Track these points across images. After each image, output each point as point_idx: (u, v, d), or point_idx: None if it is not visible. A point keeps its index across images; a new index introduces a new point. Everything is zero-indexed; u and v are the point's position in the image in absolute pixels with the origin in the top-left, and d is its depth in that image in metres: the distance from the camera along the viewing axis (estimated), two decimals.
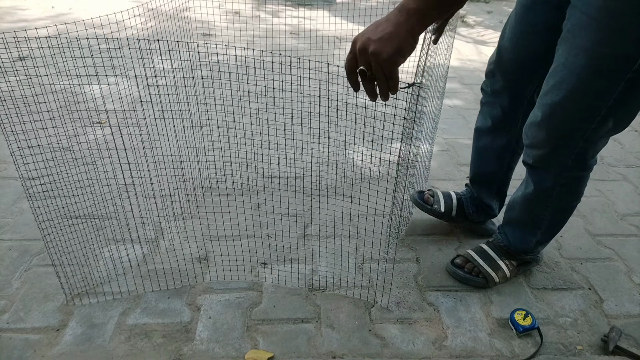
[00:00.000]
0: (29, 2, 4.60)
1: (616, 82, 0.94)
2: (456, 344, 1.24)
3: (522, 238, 1.37)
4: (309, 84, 1.08)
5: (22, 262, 1.41)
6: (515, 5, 1.22)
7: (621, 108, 1.00)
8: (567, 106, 1.01)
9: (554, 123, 1.06)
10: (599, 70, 0.94)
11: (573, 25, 0.96)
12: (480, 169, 1.52)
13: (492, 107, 1.38)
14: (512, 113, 1.35)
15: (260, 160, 1.94)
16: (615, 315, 1.35)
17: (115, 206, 1.37)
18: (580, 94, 0.99)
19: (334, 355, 1.19)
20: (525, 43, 1.20)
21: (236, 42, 3.15)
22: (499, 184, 1.51)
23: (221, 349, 1.20)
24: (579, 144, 1.08)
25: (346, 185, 1.89)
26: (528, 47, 1.20)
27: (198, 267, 1.46)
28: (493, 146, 1.44)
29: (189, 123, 1.42)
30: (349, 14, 4.13)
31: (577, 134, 1.06)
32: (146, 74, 1.22)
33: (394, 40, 0.81)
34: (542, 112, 1.06)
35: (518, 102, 1.32)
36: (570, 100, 1.00)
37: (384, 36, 0.80)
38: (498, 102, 1.35)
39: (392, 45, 0.81)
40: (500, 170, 1.47)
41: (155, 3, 1.14)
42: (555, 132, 1.07)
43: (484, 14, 4.94)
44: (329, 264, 1.49)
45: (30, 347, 1.18)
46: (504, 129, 1.39)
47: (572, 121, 1.04)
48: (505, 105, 1.34)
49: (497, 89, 1.33)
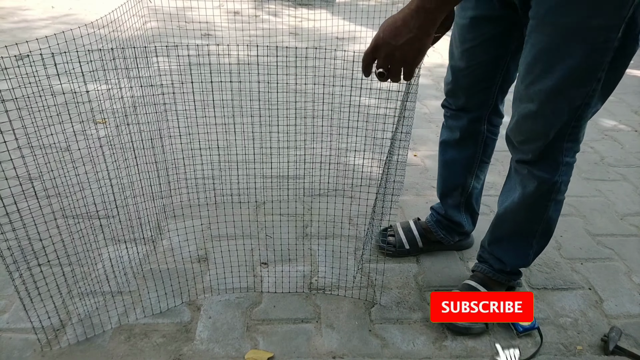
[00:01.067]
0: (29, 2, 4.61)
1: (607, 54, 0.95)
2: (456, 344, 1.24)
3: (518, 253, 1.31)
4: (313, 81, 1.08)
5: (22, 262, 1.41)
6: (453, 27, 1.23)
7: (610, 77, 1.00)
8: (563, 88, 1.01)
9: (551, 108, 1.04)
10: (591, 45, 0.95)
11: (549, 8, 0.95)
12: (448, 182, 1.48)
13: (458, 119, 1.38)
14: (477, 123, 1.36)
15: (260, 160, 1.94)
16: (615, 315, 1.35)
17: (117, 208, 1.37)
18: (576, 72, 0.98)
19: (334, 355, 1.19)
20: (477, 56, 1.22)
21: (236, 42, 3.15)
22: (468, 197, 1.47)
23: (221, 349, 1.20)
24: (573, 123, 1.08)
25: (346, 186, 1.89)
26: (481, 59, 1.23)
27: (198, 267, 1.46)
28: (460, 158, 1.43)
29: (189, 123, 1.42)
30: (350, 15, 4.13)
31: (574, 113, 1.05)
32: (149, 75, 1.22)
33: (416, 44, 0.87)
34: (536, 101, 1.05)
35: (483, 110, 1.34)
36: (568, 80, 1.00)
37: (407, 41, 0.86)
38: (464, 114, 1.36)
39: (415, 49, 0.88)
40: (467, 181, 1.44)
41: (156, 3, 1.14)
42: (554, 117, 1.06)
43: None
44: (328, 264, 1.49)
45: (30, 347, 1.18)
46: (470, 138, 1.38)
47: (570, 102, 1.03)
48: (470, 117, 1.35)
49: (461, 104, 1.35)
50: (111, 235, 1.53)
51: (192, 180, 1.76)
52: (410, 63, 0.91)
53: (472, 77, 1.27)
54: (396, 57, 0.90)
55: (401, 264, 1.51)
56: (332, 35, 3.62)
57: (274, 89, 1.14)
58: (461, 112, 1.36)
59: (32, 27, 3.83)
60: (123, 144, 1.23)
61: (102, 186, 1.22)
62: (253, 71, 1.09)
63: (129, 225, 1.55)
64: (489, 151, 1.42)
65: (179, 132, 1.54)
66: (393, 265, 1.50)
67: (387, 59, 0.91)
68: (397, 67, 0.92)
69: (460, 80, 1.30)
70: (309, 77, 1.12)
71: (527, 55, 1.03)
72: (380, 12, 2.10)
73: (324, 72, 1.18)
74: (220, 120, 1.30)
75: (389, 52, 0.90)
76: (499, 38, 1.19)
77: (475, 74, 1.26)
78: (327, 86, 1.05)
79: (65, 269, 1.35)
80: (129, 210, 1.40)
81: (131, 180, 1.26)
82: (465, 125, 1.37)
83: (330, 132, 1.89)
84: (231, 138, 1.56)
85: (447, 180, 1.49)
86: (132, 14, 1.36)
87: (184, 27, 2.74)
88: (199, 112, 1.42)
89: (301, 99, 1.18)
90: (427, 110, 2.70)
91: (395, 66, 0.92)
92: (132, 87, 1.12)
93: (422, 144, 2.30)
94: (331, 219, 1.65)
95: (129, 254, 1.48)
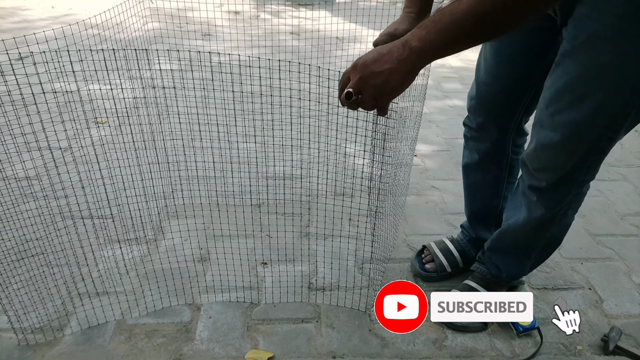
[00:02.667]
0: (29, 2, 4.61)
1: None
2: (456, 343, 1.24)
3: (516, 264, 1.29)
4: (309, 88, 1.08)
5: (22, 262, 1.41)
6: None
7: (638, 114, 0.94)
8: (591, 122, 0.94)
9: (575, 141, 0.98)
10: (630, 86, 0.88)
11: (589, 36, 0.87)
12: (475, 207, 1.43)
13: (479, 141, 1.31)
14: (500, 144, 1.29)
15: (259, 160, 1.94)
16: (615, 315, 1.35)
17: (118, 206, 1.37)
18: (608, 109, 0.92)
19: (334, 355, 1.19)
20: (506, 72, 1.14)
21: (236, 42, 3.15)
22: (497, 216, 1.39)
23: (221, 348, 1.20)
24: (594, 157, 1.02)
25: (346, 186, 1.89)
26: (509, 75, 1.14)
27: (198, 267, 1.46)
28: (485, 181, 1.37)
29: (190, 119, 1.42)
30: (350, 14, 4.13)
31: (597, 147, 0.99)
32: (153, 76, 1.22)
33: (394, 77, 0.79)
34: (560, 132, 0.97)
35: (505, 132, 1.26)
36: (597, 116, 0.93)
37: (384, 71, 0.79)
38: (485, 135, 1.28)
39: (392, 83, 0.80)
40: (496, 204, 1.39)
41: (156, 3, 1.13)
42: (578, 149, 0.99)
43: None
44: (328, 264, 1.49)
45: (30, 347, 1.18)
46: (493, 162, 1.32)
47: (596, 137, 0.97)
48: (493, 138, 1.27)
49: (482, 122, 1.27)
50: (110, 235, 1.53)
51: (194, 179, 1.76)
52: (382, 94, 0.82)
53: (499, 93, 1.18)
54: (369, 83, 0.81)
55: (401, 264, 1.51)
56: (332, 35, 3.61)
57: (274, 90, 1.14)
58: (482, 133, 1.29)
59: (32, 27, 3.83)
60: (125, 143, 1.23)
61: (101, 185, 1.22)
62: (254, 72, 1.09)
63: (131, 224, 1.55)
64: (515, 172, 1.35)
65: (180, 132, 1.54)
66: (393, 265, 1.50)
67: (360, 81, 0.82)
68: (368, 94, 0.83)
69: (485, 96, 1.21)
70: (309, 75, 1.12)
71: (556, 81, 0.95)
72: (380, 12, 2.10)
73: (323, 72, 1.18)
74: (221, 120, 1.30)
75: (364, 75, 0.81)
76: (536, 52, 1.08)
77: (502, 91, 1.17)
78: (325, 87, 1.05)
79: (65, 269, 1.35)
80: (130, 209, 1.40)
81: (133, 179, 1.26)
82: (487, 148, 1.29)
83: (330, 132, 1.90)
84: (232, 139, 1.56)
85: (473, 205, 1.44)
86: (133, 14, 1.36)
87: (185, 28, 2.74)
88: (199, 113, 1.42)
89: (301, 99, 1.19)
90: (427, 110, 2.70)
91: (366, 92, 0.83)
92: (133, 88, 1.12)
93: (422, 144, 2.30)
94: (331, 219, 1.65)
95: (129, 253, 1.48)
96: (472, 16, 0.70)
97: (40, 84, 0.96)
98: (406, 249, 1.58)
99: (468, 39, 0.74)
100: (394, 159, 1.32)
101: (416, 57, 0.76)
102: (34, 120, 1.00)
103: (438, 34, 0.73)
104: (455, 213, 1.78)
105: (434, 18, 0.74)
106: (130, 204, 1.31)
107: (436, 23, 0.73)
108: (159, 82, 1.36)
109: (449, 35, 0.73)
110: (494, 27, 0.72)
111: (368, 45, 0.95)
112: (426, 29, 0.74)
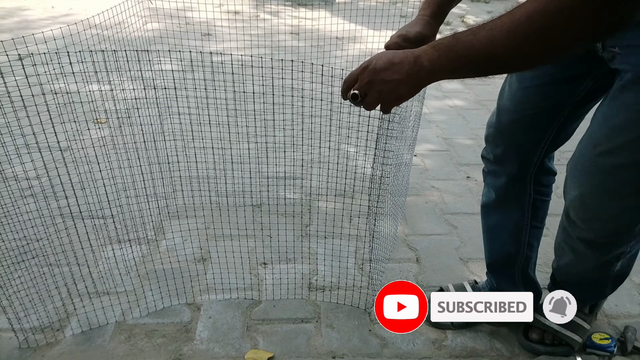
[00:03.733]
0: (29, 2, 4.61)
1: None
2: (456, 343, 1.24)
3: (594, 292, 1.21)
4: (309, 87, 1.08)
5: (22, 263, 1.41)
6: None
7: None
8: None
9: (633, 189, 0.87)
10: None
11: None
12: (495, 252, 1.27)
13: (497, 176, 1.18)
14: (520, 181, 1.15)
15: (260, 160, 1.94)
16: (615, 315, 1.35)
17: (118, 207, 1.37)
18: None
19: (334, 355, 1.19)
20: (532, 99, 1.03)
21: (236, 42, 3.15)
22: (522, 268, 1.24)
23: (221, 348, 1.20)
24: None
25: (346, 186, 1.89)
26: (535, 103, 1.03)
27: (198, 267, 1.46)
28: (505, 223, 1.22)
29: (190, 119, 1.42)
30: (350, 14, 4.13)
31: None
32: (152, 76, 1.22)
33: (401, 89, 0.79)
34: (613, 177, 0.87)
35: (526, 168, 1.13)
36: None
37: (393, 81, 0.79)
38: (503, 170, 1.16)
39: (398, 93, 0.80)
40: (519, 251, 1.22)
41: (156, 3, 1.13)
42: (634, 198, 0.89)
43: (484, 14, 4.94)
44: (328, 264, 1.49)
45: (30, 348, 1.18)
46: (513, 200, 1.19)
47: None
48: (511, 173, 1.15)
49: (500, 154, 1.14)
50: (110, 235, 1.53)
51: (194, 180, 1.76)
52: (387, 101, 0.82)
53: (521, 122, 1.07)
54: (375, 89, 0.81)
55: (401, 264, 1.51)
56: (332, 35, 3.61)
57: (273, 89, 1.14)
58: (500, 167, 1.17)
59: (32, 27, 3.83)
60: (125, 143, 1.23)
61: (101, 186, 1.22)
62: (254, 72, 1.09)
63: (131, 224, 1.55)
64: (539, 215, 1.21)
65: (181, 132, 1.54)
66: (393, 265, 1.50)
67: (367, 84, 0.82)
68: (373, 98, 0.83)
69: (505, 124, 1.09)
70: (307, 76, 1.12)
71: (611, 116, 0.85)
72: (380, 12, 2.10)
73: (322, 72, 1.18)
74: (222, 119, 1.30)
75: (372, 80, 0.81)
76: (568, 81, 0.98)
77: (525, 119, 1.06)
78: (326, 86, 1.05)
79: (65, 269, 1.35)
80: (130, 209, 1.40)
81: (134, 179, 1.27)
82: (504, 184, 1.17)
83: (330, 132, 1.90)
84: (232, 138, 1.57)
85: (492, 252, 1.28)
86: (132, 14, 1.36)
87: (184, 28, 2.74)
88: (198, 113, 1.42)
89: (300, 99, 1.19)
90: (427, 110, 2.70)
91: (371, 96, 0.83)
92: (134, 89, 1.12)
93: (422, 144, 2.30)
94: (331, 219, 1.65)
95: (129, 253, 1.48)
96: (483, 55, 0.69)
97: (40, 85, 0.96)
98: (406, 249, 1.58)
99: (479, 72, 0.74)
100: (394, 159, 1.32)
101: (424, 76, 0.77)
102: (33, 120, 1.00)
103: (449, 60, 0.73)
104: (455, 213, 1.78)
105: (449, 43, 0.72)
106: (131, 204, 1.31)
107: (449, 49, 0.72)
108: (158, 82, 1.36)
109: (460, 65, 0.72)
110: (504, 67, 0.72)
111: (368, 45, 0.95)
112: (439, 52, 0.73)
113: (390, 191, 1.35)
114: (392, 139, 1.10)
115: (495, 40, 0.66)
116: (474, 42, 0.68)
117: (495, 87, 2.98)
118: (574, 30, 0.61)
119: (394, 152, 1.22)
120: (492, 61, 0.69)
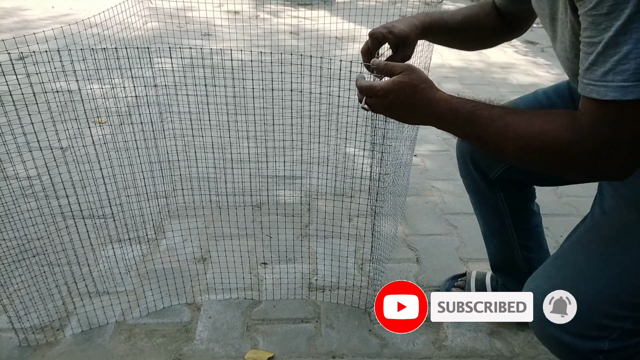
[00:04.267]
0: (29, 2, 4.61)
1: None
2: (456, 344, 1.24)
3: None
4: (310, 82, 1.08)
5: (22, 262, 1.41)
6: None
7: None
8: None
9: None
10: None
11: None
12: (492, 256, 1.30)
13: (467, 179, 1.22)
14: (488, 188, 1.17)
15: (259, 160, 1.94)
16: None
17: (118, 206, 1.37)
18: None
19: (334, 355, 1.19)
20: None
21: (236, 41, 3.15)
22: (528, 268, 1.21)
23: (221, 348, 1.20)
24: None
25: (346, 186, 1.89)
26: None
27: (198, 267, 1.46)
28: (490, 228, 1.26)
29: (190, 117, 1.42)
30: (350, 14, 4.13)
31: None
32: (152, 75, 1.22)
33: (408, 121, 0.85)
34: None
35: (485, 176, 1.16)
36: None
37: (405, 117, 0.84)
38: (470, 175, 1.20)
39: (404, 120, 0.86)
40: (513, 254, 1.21)
41: (156, 3, 1.13)
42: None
43: None
44: (328, 264, 1.49)
45: (30, 347, 1.18)
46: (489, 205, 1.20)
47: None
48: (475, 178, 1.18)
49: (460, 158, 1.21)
50: (110, 235, 1.53)
51: (194, 179, 1.76)
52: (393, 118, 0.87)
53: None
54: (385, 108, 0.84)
55: (401, 264, 1.51)
56: (332, 35, 3.61)
57: (273, 89, 1.14)
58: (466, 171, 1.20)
59: (32, 27, 3.83)
60: (126, 142, 1.23)
61: (102, 185, 1.22)
62: (254, 70, 1.09)
63: (131, 224, 1.55)
64: (524, 217, 1.19)
65: (181, 131, 1.54)
66: (393, 265, 1.51)
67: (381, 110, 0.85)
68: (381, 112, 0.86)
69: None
70: (307, 76, 1.12)
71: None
72: (379, 12, 2.10)
73: (322, 72, 1.18)
74: (222, 118, 1.30)
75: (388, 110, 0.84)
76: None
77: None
78: (325, 86, 1.06)
79: (65, 268, 1.35)
80: (131, 208, 1.40)
81: (134, 178, 1.27)
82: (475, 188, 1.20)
83: (329, 132, 1.90)
84: (232, 138, 1.57)
85: (490, 254, 1.31)
86: (132, 14, 1.36)
87: (184, 28, 2.74)
88: (199, 112, 1.42)
89: (300, 99, 1.19)
90: None
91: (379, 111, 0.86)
92: (135, 87, 1.12)
93: (422, 144, 2.30)
94: (331, 219, 1.65)
95: (129, 253, 1.48)
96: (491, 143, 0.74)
97: (41, 83, 0.96)
98: (406, 249, 1.58)
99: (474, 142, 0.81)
100: (394, 159, 1.32)
101: (430, 120, 0.81)
102: (34, 119, 1.00)
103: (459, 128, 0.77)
104: (455, 213, 1.78)
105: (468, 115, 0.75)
106: (131, 203, 1.31)
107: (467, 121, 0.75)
108: (159, 80, 1.36)
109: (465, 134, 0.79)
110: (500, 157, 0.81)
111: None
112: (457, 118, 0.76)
113: (390, 191, 1.35)
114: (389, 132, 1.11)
115: (507, 140, 0.71)
116: (488, 130, 0.73)
117: (495, 87, 2.98)
118: (582, 170, 0.69)
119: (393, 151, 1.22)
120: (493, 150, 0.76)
